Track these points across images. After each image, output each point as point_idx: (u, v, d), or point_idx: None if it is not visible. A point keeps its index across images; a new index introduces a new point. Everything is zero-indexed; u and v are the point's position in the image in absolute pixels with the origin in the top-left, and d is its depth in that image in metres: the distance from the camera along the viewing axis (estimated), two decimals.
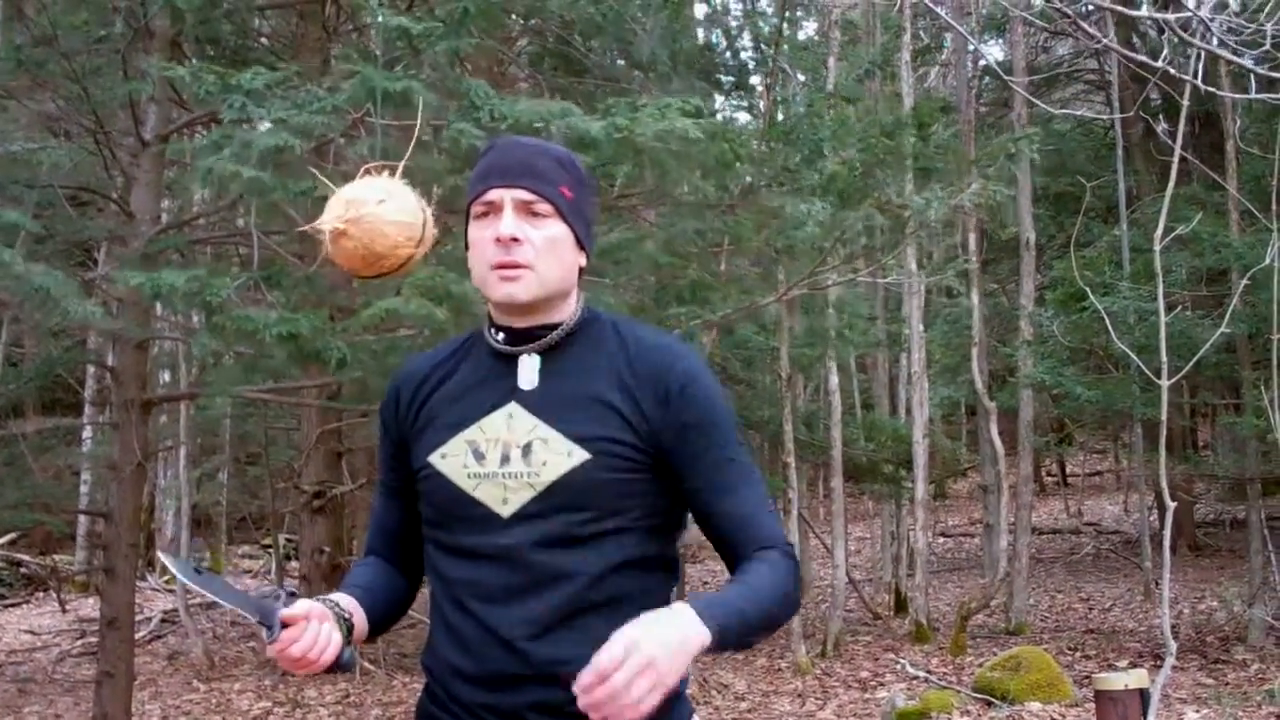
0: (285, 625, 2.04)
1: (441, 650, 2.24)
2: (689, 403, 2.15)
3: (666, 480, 2.16)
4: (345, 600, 2.26)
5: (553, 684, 2.04)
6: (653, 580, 2.19)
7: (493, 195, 2.16)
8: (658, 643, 1.82)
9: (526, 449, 2.13)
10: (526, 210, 2.15)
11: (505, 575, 2.12)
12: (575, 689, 1.81)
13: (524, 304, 2.16)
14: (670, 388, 2.15)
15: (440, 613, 2.24)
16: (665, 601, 2.10)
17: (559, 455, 2.11)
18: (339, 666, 2.14)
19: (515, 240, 2.13)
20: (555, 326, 2.21)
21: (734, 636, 1.97)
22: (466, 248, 2.24)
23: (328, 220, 2.32)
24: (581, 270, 2.25)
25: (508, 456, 2.14)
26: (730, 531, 2.15)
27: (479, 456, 2.16)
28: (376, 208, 2.32)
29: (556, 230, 2.17)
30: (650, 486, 2.15)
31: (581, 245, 2.23)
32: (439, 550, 2.23)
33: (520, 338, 2.21)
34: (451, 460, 2.18)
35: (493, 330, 2.24)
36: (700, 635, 1.88)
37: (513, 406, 2.17)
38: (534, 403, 2.17)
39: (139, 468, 7.87)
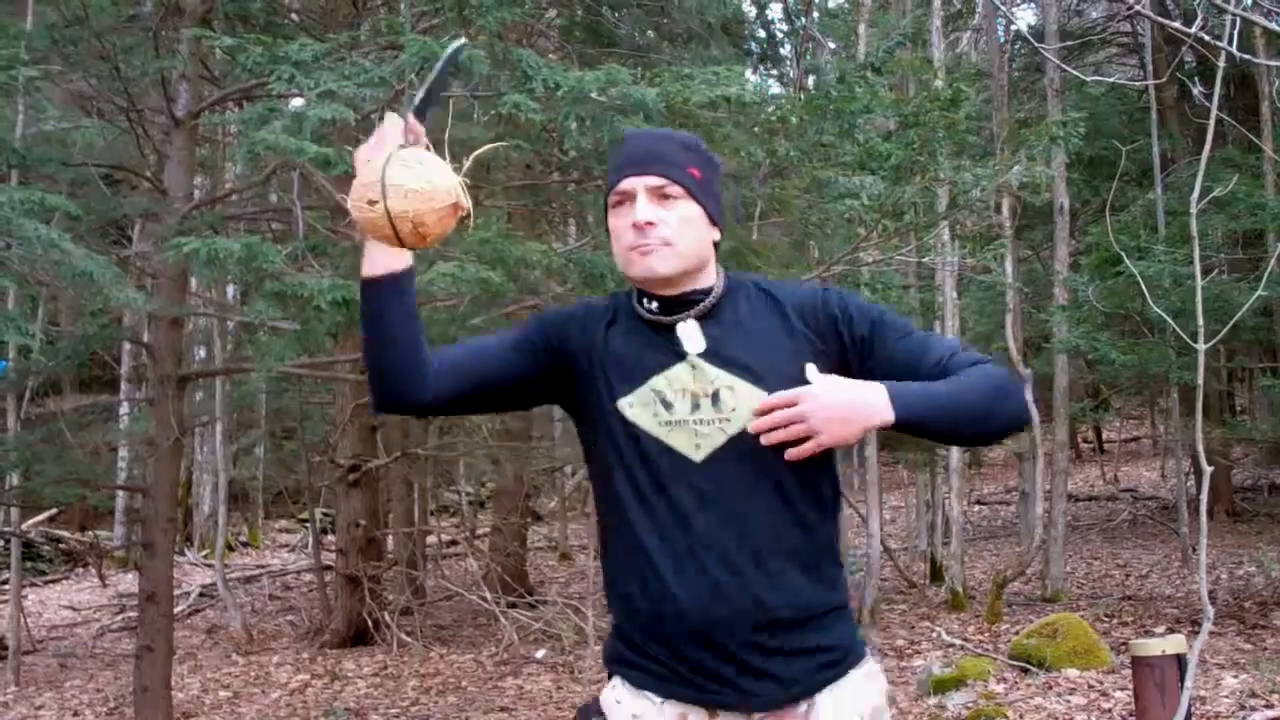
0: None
1: (630, 589, 2.32)
2: (856, 314, 2.34)
3: None
4: None
5: (750, 615, 2.23)
6: (827, 515, 2.35)
7: (626, 185, 2.31)
8: (827, 403, 2.17)
9: (715, 397, 2.27)
10: (658, 195, 2.29)
11: (700, 515, 2.24)
12: (756, 412, 2.21)
13: (663, 277, 2.29)
14: (835, 314, 2.34)
15: (629, 552, 2.31)
16: (833, 537, 2.37)
17: (748, 401, 2.26)
18: None
19: (650, 224, 2.27)
20: (705, 291, 2.35)
21: (924, 411, 2.22)
22: (607, 234, 2.39)
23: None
24: (716, 245, 2.39)
25: (698, 404, 2.28)
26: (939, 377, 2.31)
27: (667, 405, 2.28)
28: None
29: (689, 210, 2.31)
30: None
31: (714, 221, 2.37)
32: (631, 493, 2.32)
33: (674, 305, 2.34)
34: (640, 409, 2.29)
35: (645, 302, 2.34)
36: (876, 402, 2.18)
37: (694, 359, 2.30)
38: (711, 357, 2.30)
39: (176, 443, 7.92)
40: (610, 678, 2.40)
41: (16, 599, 11.30)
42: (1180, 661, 4.58)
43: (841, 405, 2.18)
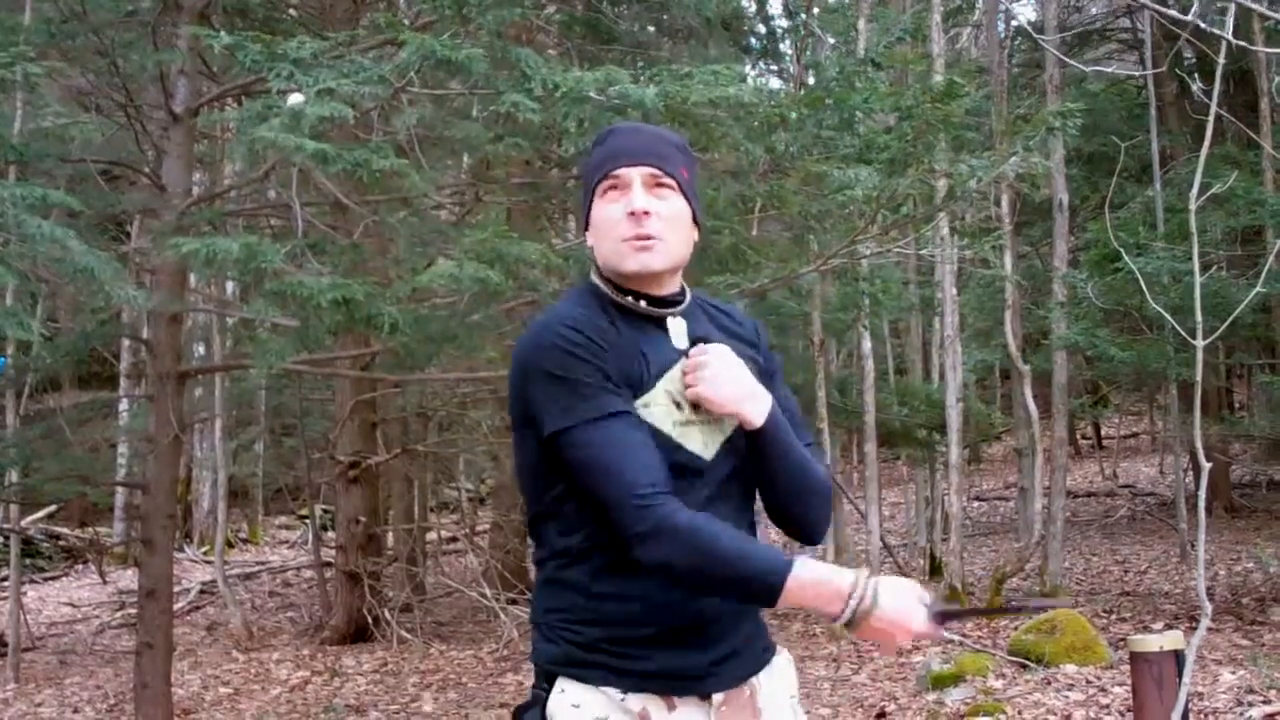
0: None
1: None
2: (768, 348, 2.49)
3: None
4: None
5: (733, 612, 2.30)
6: None
7: (622, 171, 2.29)
8: (728, 367, 2.26)
9: None
10: (653, 185, 2.29)
11: (717, 514, 2.22)
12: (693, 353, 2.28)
13: (656, 273, 2.30)
14: (761, 339, 2.48)
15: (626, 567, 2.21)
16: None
17: None
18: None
19: (646, 213, 2.26)
20: (681, 293, 2.39)
21: (778, 432, 2.30)
22: (586, 227, 2.38)
23: None
24: (694, 245, 2.41)
25: (698, 404, 2.28)
26: None
27: (678, 405, 2.26)
28: None
29: (680, 205, 2.31)
30: None
31: (696, 222, 2.38)
32: None
33: (657, 304, 2.34)
34: (656, 409, 2.25)
35: (630, 298, 2.33)
36: (766, 399, 2.28)
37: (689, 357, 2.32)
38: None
39: (175, 440, 7.92)
40: (550, 681, 2.28)
41: (16, 595, 11.30)
42: (1178, 657, 4.59)
43: (735, 379, 2.26)
